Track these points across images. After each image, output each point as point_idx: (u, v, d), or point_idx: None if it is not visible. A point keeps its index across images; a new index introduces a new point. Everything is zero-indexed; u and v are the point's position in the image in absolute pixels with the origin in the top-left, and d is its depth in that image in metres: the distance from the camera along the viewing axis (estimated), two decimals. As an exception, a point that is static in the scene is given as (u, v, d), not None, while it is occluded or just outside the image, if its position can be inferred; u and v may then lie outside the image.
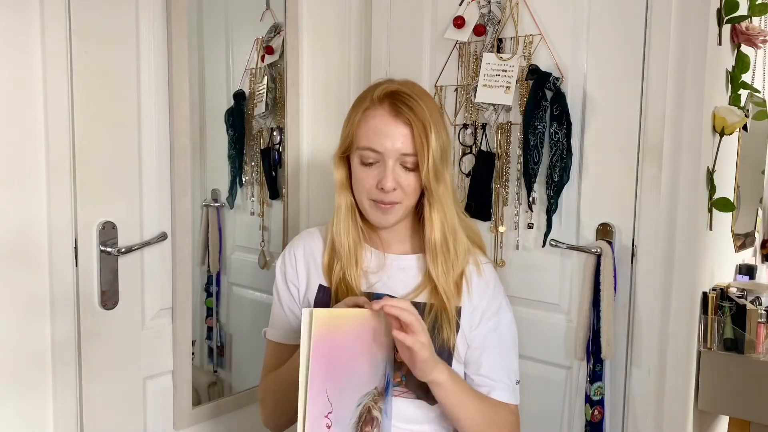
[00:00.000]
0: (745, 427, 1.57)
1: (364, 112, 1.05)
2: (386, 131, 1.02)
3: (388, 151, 1.02)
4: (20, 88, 1.16)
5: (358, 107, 1.07)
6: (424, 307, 1.08)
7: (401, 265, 1.13)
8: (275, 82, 1.72)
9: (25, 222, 1.18)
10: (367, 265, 1.12)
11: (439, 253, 1.08)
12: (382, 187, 1.03)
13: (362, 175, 1.05)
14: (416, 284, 1.11)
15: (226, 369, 1.77)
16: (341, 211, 1.10)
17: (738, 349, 1.49)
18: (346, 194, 1.10)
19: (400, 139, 1.02)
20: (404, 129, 1.02)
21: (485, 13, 1.62)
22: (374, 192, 1.05)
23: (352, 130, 1.06)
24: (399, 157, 1.03)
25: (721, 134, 1.48)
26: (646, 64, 1.41)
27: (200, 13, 1.62)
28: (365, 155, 1.04)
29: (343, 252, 1.10)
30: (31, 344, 1.21)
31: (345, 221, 1.10)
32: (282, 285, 1.18)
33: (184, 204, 1.42)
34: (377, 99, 1.04)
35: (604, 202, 1.49)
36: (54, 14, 1.18)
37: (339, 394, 0.93)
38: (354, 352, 0.96)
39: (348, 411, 0.95)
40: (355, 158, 1.07)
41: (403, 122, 1.02)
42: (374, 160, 1.04)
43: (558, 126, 1.48)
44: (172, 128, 1.39)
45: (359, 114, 1.06)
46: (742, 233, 1.87)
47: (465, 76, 1.67)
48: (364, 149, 1.04)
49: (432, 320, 1.06)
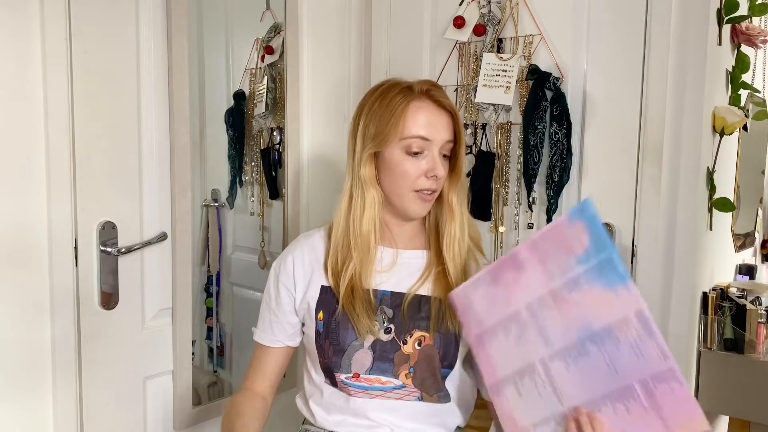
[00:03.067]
0: (745, 427, 1.57)
1: (408, 104, 1.07)
2: (435, 120, 1.08)
3: (437, 139, 1.08)
4: (20, 88, 1.16)
5: (398, 100, 1.08)
6: (429, 300, 1.09)
7: (410, 261, 1.14)
8: (275, 82, 1.72)
9: (25, 222, 1.18)
10: (379, 262, 1.12)
11: (455, 241, 1.11)
12: (434, 174, 1.07)
13: (408, 165, 1.08)
14: (418, 277, 1.12)
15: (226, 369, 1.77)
16: (368, 207, 1.10)
17: (738, 349, 1.48)
18: (376, 190, 1.11)
19: (446, 127, 1.09)
20: (448, 118, 1.10)
21: (485, 13, 1.62)
22: (422, 181, 1.08)
23: (395, 121, 1.07)
24: (444, 144, 1.09)
25: (721, 134, 1.48)
26: (646, 64, 1.41)
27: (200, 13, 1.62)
28: (414, 144, 1.07)
29: (364, 250, 1.10)
30: (31, 344, 1.21)
31: (370, 218, 1.10)
32: (274, 288, 1.17)
33: (184, 204, 1.42)
34: (420, 92, 1.09)
35: (604, 202, 1.49)
36: (54, 14, 1.18)
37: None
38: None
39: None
40: (395, 150, 1.08)
41: (446, 112, 1.10)
42: (420, 150, 1.07)
43: (558, 126, 1.48)
44: (172, 128, 1.39)
45: (402, 106, 1.07)
46: (742, 233, 1.87)
47: (465, 76, 1.67)
48: (414, 138, 1.07)
49: (436, 310, 1.08)
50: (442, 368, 1.08)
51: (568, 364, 0.88)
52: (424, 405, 1.09)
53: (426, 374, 1.06)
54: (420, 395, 1.08)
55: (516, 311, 0.92)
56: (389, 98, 1.08)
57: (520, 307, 0.92)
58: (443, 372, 1.08)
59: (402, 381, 1.07)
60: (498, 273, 0.94)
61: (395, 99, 1.08)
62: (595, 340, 0.85)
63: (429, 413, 1.10)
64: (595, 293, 0.84)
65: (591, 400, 0.87)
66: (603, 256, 0.83)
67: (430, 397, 1.09)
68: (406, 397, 1.08)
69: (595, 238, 0.84)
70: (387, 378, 1.07)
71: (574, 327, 0.87)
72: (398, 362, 1.07)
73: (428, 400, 1.09)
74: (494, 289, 0.94)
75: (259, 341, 1.19)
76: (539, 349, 0.90)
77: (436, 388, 1.08)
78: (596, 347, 0.85)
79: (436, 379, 1.08)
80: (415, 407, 1.09)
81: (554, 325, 0.88)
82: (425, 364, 1.06)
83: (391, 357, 1.07)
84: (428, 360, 1.06)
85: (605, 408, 0.86)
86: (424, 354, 1.05)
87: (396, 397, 1.08)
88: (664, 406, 0.82)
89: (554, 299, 0.88)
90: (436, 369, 1.07)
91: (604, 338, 0.84)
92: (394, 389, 1.07)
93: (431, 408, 1.09)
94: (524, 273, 0.91)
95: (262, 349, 1.19)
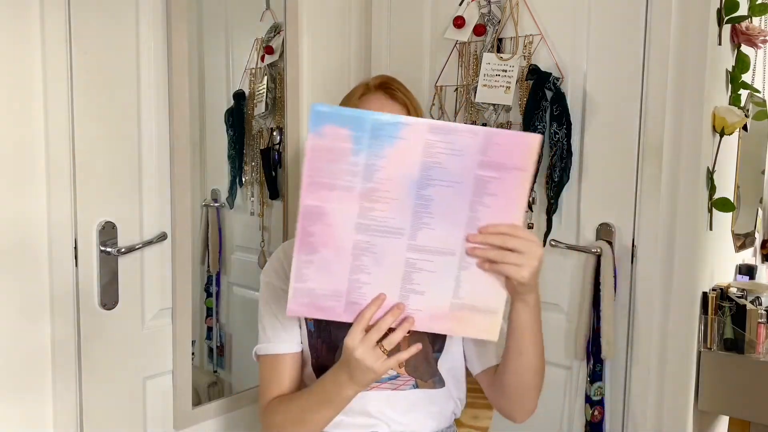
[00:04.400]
0: (745, 427, 1.57)
1: (360, 98, 1.09)
2: (385, 112, 1.05)
3: None
4: (20, 89, 1.16)
5: (353, 96, 1.11)
6: None
7: None
8: (275, 82, 1.71)
9: (25, 222, 1.18)
10: None
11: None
12: None
13: None
14: None
15: (226, 369, 1.77)
16: None
17: (738, 349, 1.48)
18: None
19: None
20: (400, 110, 1.09)
21: (485, 13, 1.62)
22: None
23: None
24: None
25: (721, 134, 1.48)
26: (646, 64, 1.41)
27: (200, 13, 1.62)
28: None
29: None
30: (31, 344, 1.21)
31: None
32: (270, 295, 1.13)
33: (184, 204, 1.42)
34: (373, 86, 1.10)
35: (604, 202, 1.49)
36: (54, 15, 1.18)
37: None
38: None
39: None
40: None
41: (399, 104, 1.09)
42: None
43: (558, 126, 1.48)
44: (172, 128, 1.39)
45: (354, 101, 1.10)
46: (742, 233, 1.87)
47: (465, 76, 1.67)
48: None
49: None
50: (434, 351, 1.10)
51: (427, 224, 0.85)
52: (419, 392, 1.10)
53: (419, 360, 1.08)
54: (415, 382, 1.10)
55: (353, 246, 0.87)
56: (350, 98, 1.13)
57: (350, 240, 0.87)
58: (435, 355, 1.10)
59: (396, 370, 1.09)
60: (304, 243, 0.87)
61: (353, 97, 1.12)
62: (423, 185, 0.83)
63: (426, 400, 1.11)
64: (391, 157, 0.82)
65: (465, 221, 0.85)
66: (366, 126, 0.81)
67: (424, 383, 1.10)
68: (401, 387, 1.09)
69: (346, 123, 0.82)
70: None
71: (402, 199, 0.84)
72: (390, 352, 1.07)
73: (423, 386, 1.10)
74: (316, 257, 0.88)
75: (269, 352, 1.12)
76: (398, 248, 0.86)
77: (430, 373, 1.10)
78: (430, 188, 0.83)
79: (429, 363, 1.10)
80: (411, 396, 1.10)
81: (387, 216, 0.85)
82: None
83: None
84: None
85: (481, 212, 0.84)
86: (414, 340, 1.05)
87: (391, 388, 1.09)
88: (505, 158, 0.81)
89: (367, 200, 0.84)
90: (429, 353, 1.09)
91: (428, 175, 0.82)
92: (389, 380, 1.09)
93: (427, 395, 1.11)
94: (326, 214, 0.86)
95: (275, 360, 1.11)
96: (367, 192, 0.85)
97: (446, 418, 1.14)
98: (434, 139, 0.81)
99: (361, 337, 0.89)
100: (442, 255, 0.87)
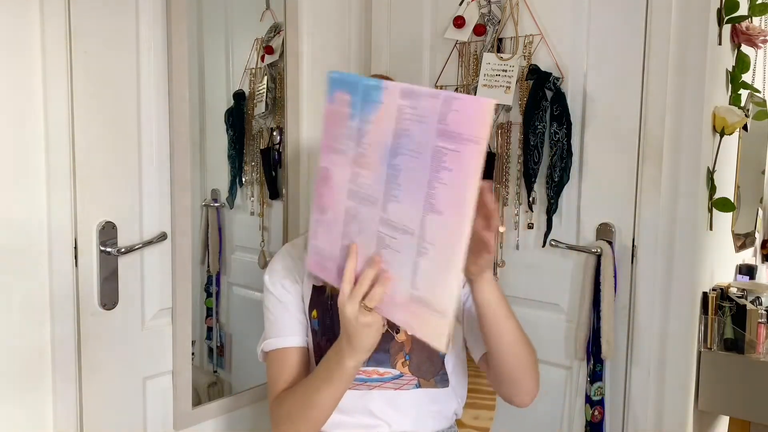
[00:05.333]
0: (745, 427, 1.57)
1: None
2: None
3: None
4: (20, 89, 1.16)
5: None
6: None
7: None
8: (275, 82, 1.71)
9: (25, 222, 1.18)
10: None
11: None
12: None
13: None
14: None
15: (225, 369, 1.77)
16: None
17: (738, 349, 1.48)
18: None
19: None
20: None
21: (485, 13, 1.62)
22: None
23: None
24: None
25: (721, 134, 1.48)
26: (646, 64, 1.41)
27: (200, 13, 1.62)
28: None
29: None
30: (31, 344, 1.21)
31: None
32: (278, 289, 1.14)
33: (183, 204, 1.42)
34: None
35: (604, 202, 1.49)
36: (54, 14, 1.18)
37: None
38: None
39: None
40: None
41: None
42: None
43: (558, 126, 1.48)
44: (172, 128, 1.38)
45: None
46: (742, 233, 1.87)
47: (465, 76, 1.67)
48: None
49: None
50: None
51: (395, 196, 0.81)
52: (422, 392, 1.11)
53: (422, 358, 1.08)
54: (417, 382, 1.10)
55: (345, 211, 0.87)
56: None
57: (343, 205, 0.87)
58: (442, 355, 1.10)
59: (399, 370, 1.09)
60: (317, 203, 0.91)
61: None
62: (395, 153, 0.81)
63: (427, 400, 1.11)
64: (376, 122, 0.82)
65: (423, 199, 0.79)
66: (359, 90, 0.82)
67: (427, 383, 1.11)
68: (404, 387, 1.10)
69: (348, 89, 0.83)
70: (384, 369, 1.09)
71: (377, 166, 0.82)
72: (394, 351, 1.09)
73: (426, 386, 1.11)
74: (323, 217, 0.90)
75: (277, 347, 1.12)
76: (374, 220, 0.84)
77: (434, 372, 1.11)
78: (399, 156, 0.80)
79: (433, 362, 1.10)
80: (414, 396, 1.10)
81: (368, 183, 0.84)
82: (421, 349, 1.08)
83: (386, 347, 1.08)
84: (423, 343, 1.06)
85: (437, 189, 0.78)
86: (417, 339, 1.06)
87: (394, 387, 1.10)
88: (462, 127, 0.75)
89: (357, 165, 0.84)
90: (433, 352, 1.08)
91: (398, 143, 0.80)
92: (392, 379, 1.09)
93: (429, 394, 1.11)
94: (330, 177, 0.88)
95: (283, 354, 1.11)
96: (357, 157, 0.85)
97: (448, 419, 1.15)
98: (404, 104, 0.79)
99: (349, 292, 0.87)
100: (403, 234, 0.82)
